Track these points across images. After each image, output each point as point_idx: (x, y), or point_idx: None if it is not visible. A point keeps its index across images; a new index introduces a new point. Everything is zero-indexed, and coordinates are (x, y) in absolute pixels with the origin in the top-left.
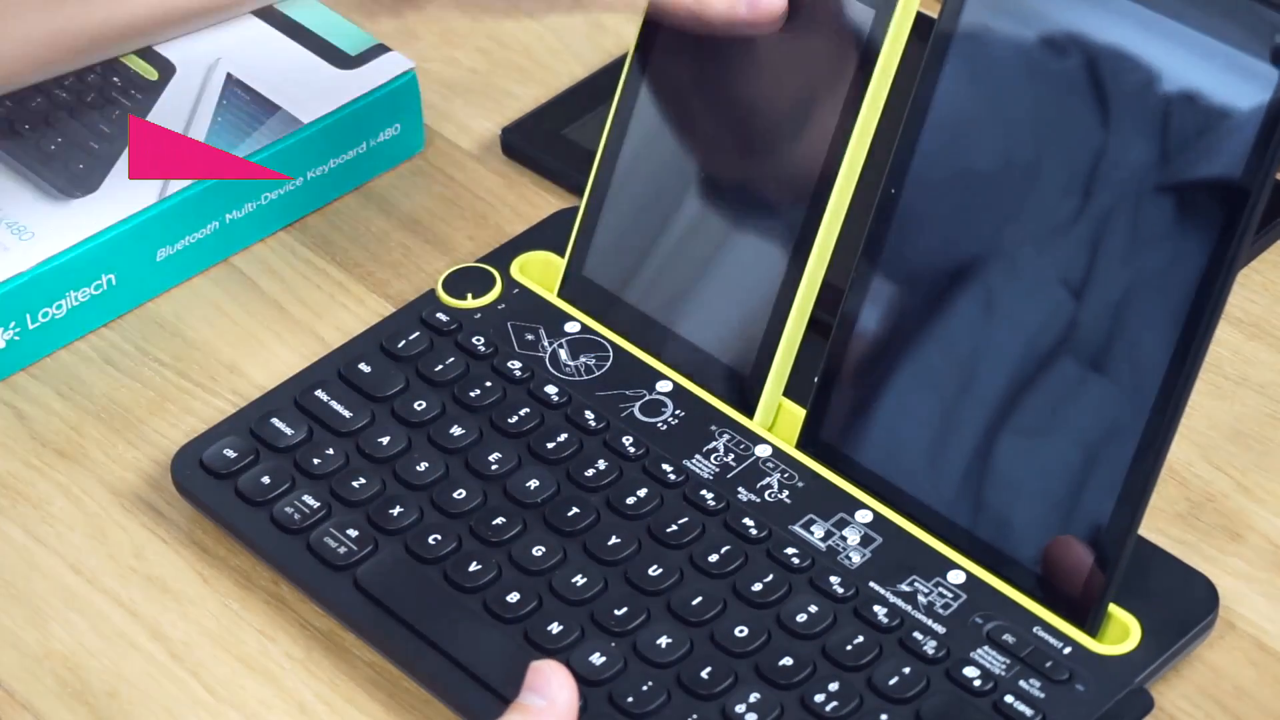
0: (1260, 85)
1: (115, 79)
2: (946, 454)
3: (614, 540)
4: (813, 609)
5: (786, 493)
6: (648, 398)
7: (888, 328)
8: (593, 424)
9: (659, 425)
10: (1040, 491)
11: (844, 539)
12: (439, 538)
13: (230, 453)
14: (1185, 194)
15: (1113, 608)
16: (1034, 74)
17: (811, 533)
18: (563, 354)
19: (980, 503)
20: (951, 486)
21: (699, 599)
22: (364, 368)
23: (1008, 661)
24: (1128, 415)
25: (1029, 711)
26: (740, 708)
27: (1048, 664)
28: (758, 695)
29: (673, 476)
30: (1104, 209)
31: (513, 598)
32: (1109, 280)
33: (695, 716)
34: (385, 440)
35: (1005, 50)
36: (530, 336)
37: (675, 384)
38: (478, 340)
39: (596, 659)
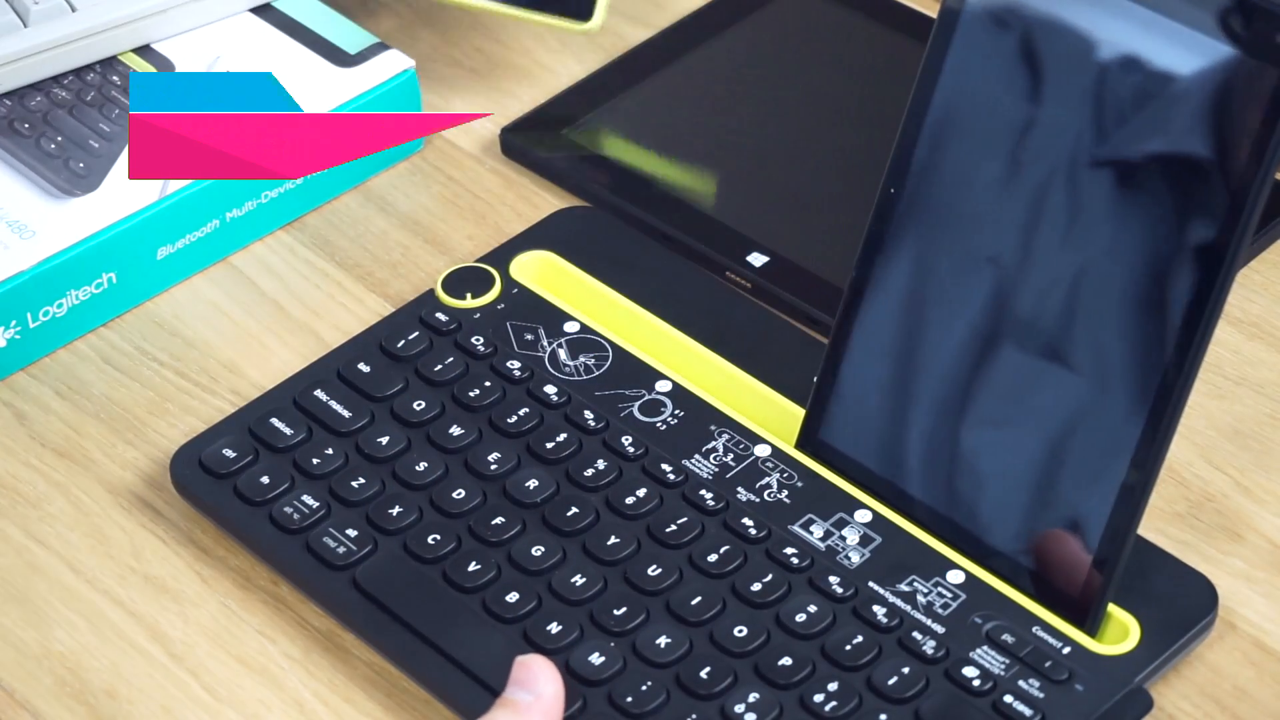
0: (1260, 82)
1: (115, 78)
2: (946, 454)
3: (613, 540)
4: (812, 609)
5: (785, 492)
6: (647, 397)
7: (887, 327)
8: (592, 424)
9: (658, 425)
10: (1040, 491)
11: (843, 539)
12: (438, 537)
13: (229, 452)
14: (1187, 193)
15: (1112, 607)
16: (1034, 70)
17: (810, 532)
18: (562, 354)
19: (979, 502)
20: (950, 486)
21: (698, 599)
22: (363, 367)
23: (1007, 661)
24: (1127, 415)
25: (1028, 711)
26: (739, 708)
27: (1047, 664)
28: (757, 695)
29: (672, 476)
30: (1107, 205)
31: (512, 598)
32: (1109, 280)
33: (694, 716)
34: (384, 440)
35: (1005, 47)
36: (529, 336)
37: (674, 383)
38: (477, 340)
39: (596, 659)
